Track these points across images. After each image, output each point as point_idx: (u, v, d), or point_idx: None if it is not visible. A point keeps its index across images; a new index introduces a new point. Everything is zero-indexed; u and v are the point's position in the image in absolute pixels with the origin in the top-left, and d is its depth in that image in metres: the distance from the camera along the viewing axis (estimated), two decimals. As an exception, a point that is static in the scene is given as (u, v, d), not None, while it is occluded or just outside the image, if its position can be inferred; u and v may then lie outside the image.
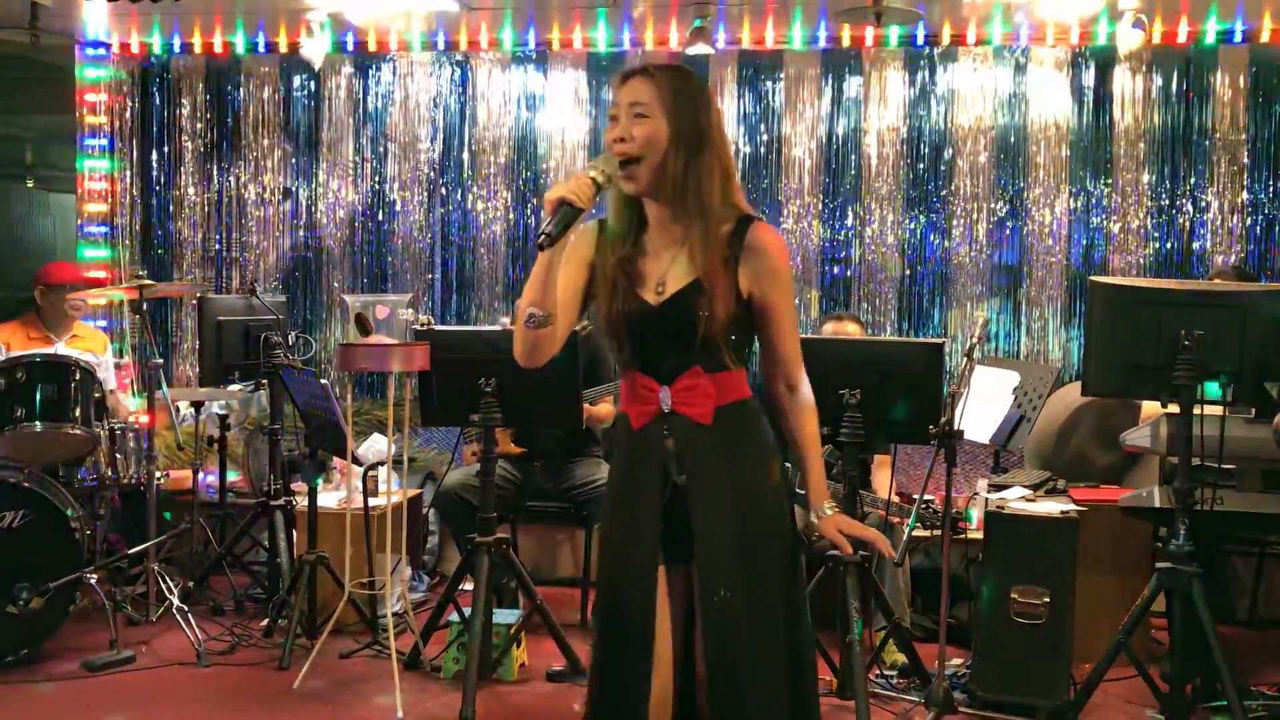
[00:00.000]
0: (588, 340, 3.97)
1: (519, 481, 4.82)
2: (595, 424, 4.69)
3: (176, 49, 6.47)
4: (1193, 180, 5.88)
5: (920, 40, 5.97)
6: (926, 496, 3.96)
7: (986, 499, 4.09)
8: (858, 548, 3.51)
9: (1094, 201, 5.97)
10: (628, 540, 2.37)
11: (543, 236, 2.19)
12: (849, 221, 6.12)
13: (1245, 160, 5.82)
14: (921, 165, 6.06)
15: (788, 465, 2.49)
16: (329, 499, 4.83)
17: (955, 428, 3.63)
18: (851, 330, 4.85)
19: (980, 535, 4.13)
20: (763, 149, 6.15)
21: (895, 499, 4.29)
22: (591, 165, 2.28)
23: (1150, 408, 4.21)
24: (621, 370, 2.44)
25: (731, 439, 2.34)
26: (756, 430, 2.39)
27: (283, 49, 6.33)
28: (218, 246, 6.58)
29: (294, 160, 6.51)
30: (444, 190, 6.40)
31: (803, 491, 2.46)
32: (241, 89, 6.50)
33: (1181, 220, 5.90)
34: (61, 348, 5.25)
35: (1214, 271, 5.54)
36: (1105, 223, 5.96)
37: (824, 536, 2.44)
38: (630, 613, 2.33)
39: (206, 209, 6.58)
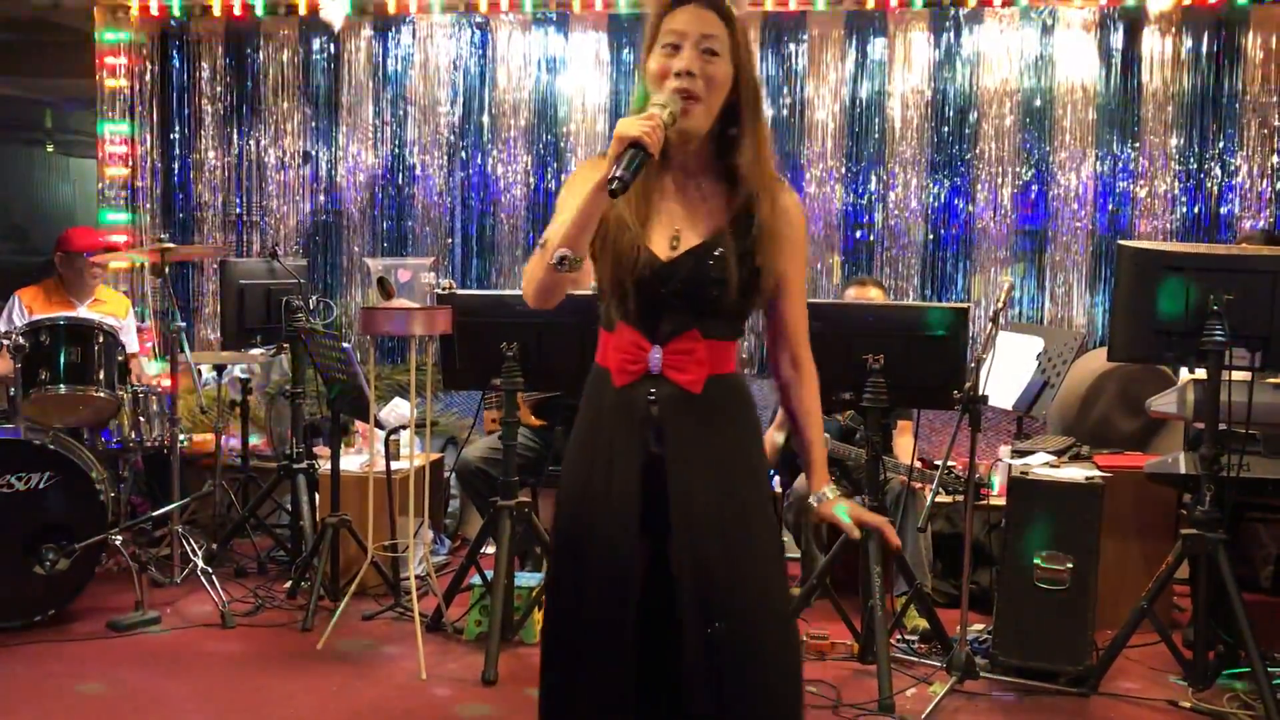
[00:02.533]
0: None
1: (539, 448, 4.82)
2: None
3: (196, 12, 6.44)
4: (1221, 144, 5.80)
5: (946, 1, 5.89)
6: (949, 463, 3.94)
7: (1010, 465, 4.07)
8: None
9: (1121, 165, 5.90)
10: (597, 510, 2.17)
11: (615, 182, 1.95)
12: (872, 186, 6.07)
13: (1276, 123, 5.74)
14: (946, 129, 6.00)
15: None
16: (351, 463, 4.85)
17: (980, 393, 3.61)
18: (874, 295, 4.82)
19: (1003, 501, 4.11)
20: (785, 112, 6.09)
21: (917, 464, 4.28)
22: (655, 103, 2.04)
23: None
24: (610, 320, 2.22)
25: (718, 412, 2.17)
26: (744, 406, 2.23)
27: (302, 11, 6.30)
28: (238, 210, 6.59)
29: (314, 124, 6.49)
30: (464, 154, 6.38)
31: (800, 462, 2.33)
32: (261, 52, 6.48)
33: (1210, 184, 5.83)
34: (83, 312, 5.27)
35: (1242, 236, 5.48)
36: (1132, 187, 5.89)
37: (822, 520, 2.29)
38: (603, 587, 2.15)
39: (226, 173, 6.58)
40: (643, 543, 2.17)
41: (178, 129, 6.58)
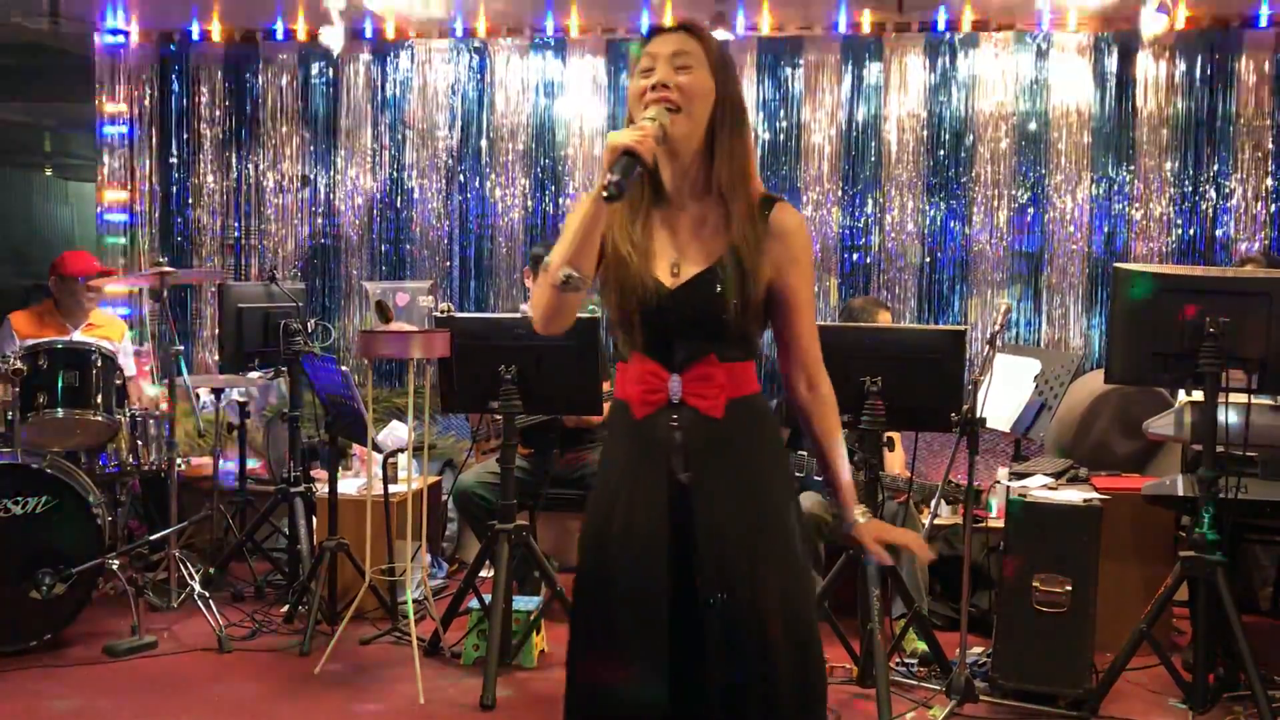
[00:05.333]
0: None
1: (532, 473, 4.79)
2: None
3: (195, 36, 6.48)
4: (1216, 166, 5.83)
5: (941, 26, 5.93)
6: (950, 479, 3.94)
7: (1008, 487, 4.07)
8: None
9: (1116, 188, 5.93)
10: (625, 539, 2.16)
11: (611, 187, 1.96)
12: (869, 209, 6.09)
13: (1270, 146, 5.77)
14: (942, 152, 6.02)
15: (802, 454, 2.37)
16: (349, 486, 4.84)
17: (977, 415, 3.61)
18: (883, 318, 4.82)
19: (1001, 523, 4.11)
20: (782, 136, 6.12)
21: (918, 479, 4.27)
22: (645, 116, 2.07)
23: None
24: (624, 353, 2.21)
25: (742, 435, 2.17)
26: (767, 427, 2.23)
27: (301, 36, 6.33)
28: (237, 234, 6.60)
29: (312, 148, 6.52)
30: (462, 177, 6.40)
31: (819, 479, 2.35)
32: (260, 76, 6.50)
33: (1205, 207, 5.85)
34: (78, 336, 5.26)
35: (1243, 258, 5.50)
36: (1127, 209, 5.92)
37: (859, 544, 2.25)
38: (634, 618, 2.14)
39: (225, 196, 6.60)
40: (671, 569, 2.15)
41: (177, 153, 6.60)
